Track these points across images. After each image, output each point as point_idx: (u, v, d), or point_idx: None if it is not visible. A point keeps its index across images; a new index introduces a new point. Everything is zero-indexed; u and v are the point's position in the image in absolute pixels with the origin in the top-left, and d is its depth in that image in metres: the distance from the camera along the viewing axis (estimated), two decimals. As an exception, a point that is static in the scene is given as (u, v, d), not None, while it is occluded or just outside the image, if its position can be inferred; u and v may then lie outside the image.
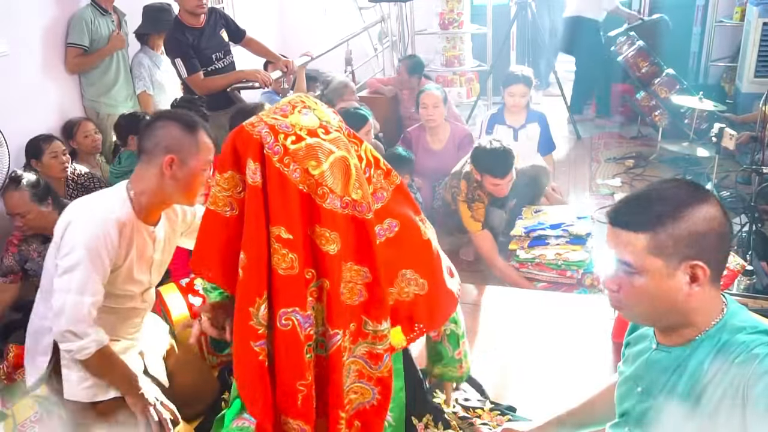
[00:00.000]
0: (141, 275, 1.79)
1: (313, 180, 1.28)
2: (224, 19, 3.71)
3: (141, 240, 1.75)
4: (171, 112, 1.73)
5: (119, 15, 3.86)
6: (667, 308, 1.11)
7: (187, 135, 1.72)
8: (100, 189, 3.23)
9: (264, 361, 1.35)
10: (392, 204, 1.46)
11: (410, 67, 4.69)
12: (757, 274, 2.78)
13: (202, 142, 1.74)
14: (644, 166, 4.52)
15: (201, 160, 1.74)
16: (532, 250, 3.14)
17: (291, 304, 1.32)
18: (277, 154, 1.28)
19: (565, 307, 2.78)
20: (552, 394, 2.09)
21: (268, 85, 3.69)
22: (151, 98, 4.03)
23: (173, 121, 1.72)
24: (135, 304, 1.82)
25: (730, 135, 3.44)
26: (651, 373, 1.22)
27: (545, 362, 2.37)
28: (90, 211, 1.70)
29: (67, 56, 3.67)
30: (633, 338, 1.34)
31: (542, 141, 3.95)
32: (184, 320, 2.26)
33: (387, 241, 1.44)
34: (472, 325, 2.69)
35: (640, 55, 4.84)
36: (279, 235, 1.29)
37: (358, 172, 1.35)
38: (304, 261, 1.31)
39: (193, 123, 1.74)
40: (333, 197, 1.30)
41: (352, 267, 1.38)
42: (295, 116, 1.32)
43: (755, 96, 4.43)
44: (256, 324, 1.33)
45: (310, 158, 1.28)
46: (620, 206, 1.14)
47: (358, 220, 1.34)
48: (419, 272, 1.48)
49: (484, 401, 2.14)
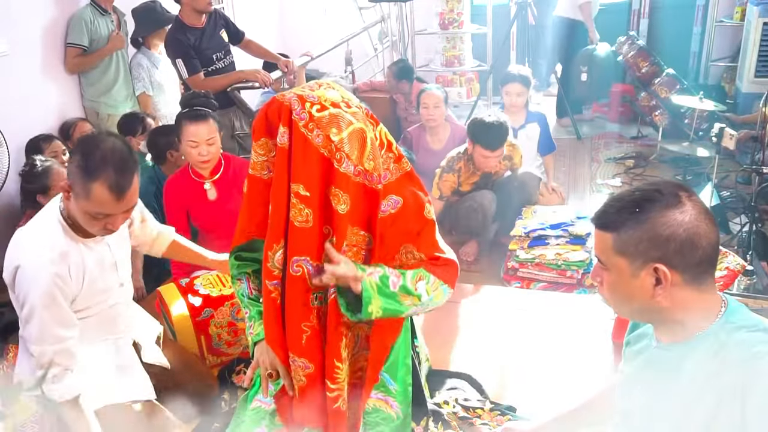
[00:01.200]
0: (108, 280, 1.77)
1: (332, 145, 1.42)
2: (224, 20, 3.72)
3: (92, 255, 1.72)
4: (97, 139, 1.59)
5: (119, 15, 3.86)
6: (639, 306, 1.16)
7: (83, 179, 1.55)
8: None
9: (276, 299, 1.55)
10: (397, 184, 1.58)
11: (396, 73, 4.73)
12: (757, 274, 2.78)
13: (96, 193, 1.55)
14: (644, 166, 4.52)
15: (89, 207, 1.58)
16: (532, 250, 3.15)
17: (303, 253, 1.49)
18: (302, 120, 1.43)
19: (565, 307, 2.78)
20: (552, 394, 2.09)
21: (268, 85, 3.69)
22: (150, 99, 4.04)
23: (79, 156, 1.58)
24: (115, 300, 1.80)
25: (731, 135, 3.44)
26: (651, 371, 1.22)
27: (545, 362, 2.37)
28: (34, 254, 1.62)
29: (66, 56, 3.67)
30: (633, 337, 1.35)
31: (542, 141, 3.95)
32: (184, 320, 2.26)
33: (390, 217, 1.56)
34: (472, 325, 2.69)
35: (640, 55, 4.84)
36: (298, 191, 1.45)
37: (372, 146, 1.49)
38: (320, 217, 1.47)
39: (94, 171, 1.54)
40: (348, 163, 1.44)
41: (358, 232, 1.53)
42: (322, 91, 1.49)
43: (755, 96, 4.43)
44: (272, 266, 1.53)
45: (331, 125, 1.43)
46: (601, 206, 1.20)
47: (368, 188, 1.49)
48: (417, 246, 1.60)
49: (484, 401, 2.14)
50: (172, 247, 2.14)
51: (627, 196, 1.16)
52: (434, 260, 1.61)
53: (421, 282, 1.57)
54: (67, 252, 1.65)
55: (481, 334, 2.61)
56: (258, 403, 1.70)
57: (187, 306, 2.28)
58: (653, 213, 1.11)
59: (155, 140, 3.14)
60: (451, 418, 2.02)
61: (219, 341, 2.32)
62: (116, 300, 1.81)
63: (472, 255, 3.47)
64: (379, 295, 1.50)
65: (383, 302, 1.51)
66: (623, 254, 1.13)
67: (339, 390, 1.57)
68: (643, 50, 4.85)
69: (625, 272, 1.14)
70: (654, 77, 4.80)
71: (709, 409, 1.08)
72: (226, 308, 2.29)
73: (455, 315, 2.76)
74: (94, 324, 1.77)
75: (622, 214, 1.13)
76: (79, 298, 1.69)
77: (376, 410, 1.65)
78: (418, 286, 1.56)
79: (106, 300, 1.77)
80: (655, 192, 1.13)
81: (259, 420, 1.66)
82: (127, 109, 3.83)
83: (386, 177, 1.56)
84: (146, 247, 2.10)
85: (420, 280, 1.57)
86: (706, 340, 1.13)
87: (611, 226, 1.14)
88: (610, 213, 1.15)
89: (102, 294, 1.75)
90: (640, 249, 1.11)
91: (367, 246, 1.55)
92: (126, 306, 1.88)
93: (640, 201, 1.13)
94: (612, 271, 1.16)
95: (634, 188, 1.18)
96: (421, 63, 5.73)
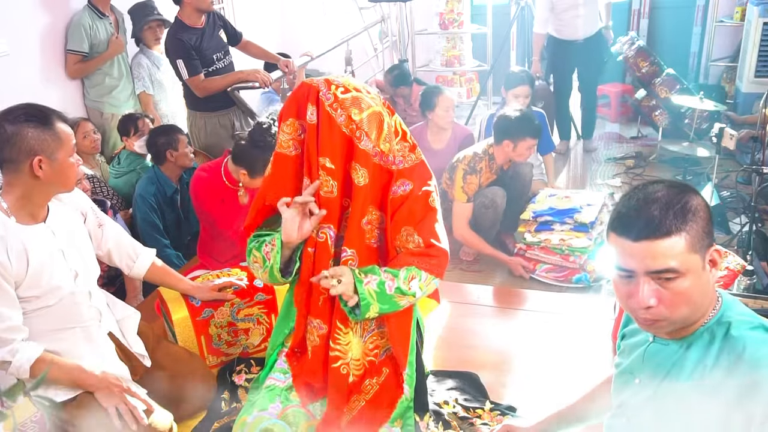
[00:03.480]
0: (55, 267, 1.77)
1: (354, 125, 1.59)
2: (222, 20, 3.72)
3: (35, 240, 1.73)
4: (13, 113, 1.69)
5: (117, 15, 3.86)
6: (702, 302, 1.12)
7: (45, 131, 1.69)
8: (100, 190, 3.26)
9: (311, 259, 1.69)
10: (410, 171, 1.72)
11: (393, 81, 4.76)
12: (757, 274, 2.78)
13: (61, 131, 1.72)
14: (644, 166, 4.52)
15: (66, 149, 1.73)
16: (538, 234, 3.29)
17: (327, 221, 1.65)
18: (328, 100, 1.59)
19: (565, 307, 2.78)
20: (552, 394, 2.09)
21: (268, 85, 3.69)
22: (150, 98, 4.04)
23: (25, 123, 1.67)
24: (71, 289, 1.79)
25: (731, 135, 3.44)
26: (648, 365, 1.22)
27: (545, 362, 2.37)
28: None
29: (67, 63, 3.67)
30: (629, 330, 1.34)
31: (542, 140, 3.95)
32: (184, 320, 2.26)
33: (399, 198, 1.69)
34: (472, 325, 2.69)
35: (640, 55, 4.84)
36: (324, 164, 1.61)
37: (389, 129, 1.66)
38: (342, 189, 1.63)
39: (45, 117, 1.71)
40: (367, 141, 1.60)
41: (373, 211, 1.68)
42: (346, 78, 1.67)
43: (755, 96, 4.43)
44: (315, 234, 1.67)
45: (353, 106, 1.59)
46: (633, 219, 1.10)
47: (383, 168, 1.65)
48: (417, 231, 1.72)
49: (484, 401, 2.14)
50: (152, 270, 2.15)
51: (654, 196, 1.10)
52: (428, 248, 1.71)
53: (414, 281, 1.68)
54: (4, 237, 1.67)
55: (482, 334, 2.61)
56: (272, 381, 1.78)
57: (187, 306, 2.27)
58: (693, 200, 1.09)
59: (154, 140, 3.14)
60: (451, 418, 2.02)
61: (219, 341, 2.32)
62: (73, 289, 1.80)
63: (472, 255, 3.47)
64: (378, 301, 1.63)
65: (380, 306, 1.64)
66: (696, 250, 1.08)
67: (340, 353, 1.70)
68: (643, 50, 4.85)
69: (699, 269, 1.09)
70: (654, 77, 4.80)
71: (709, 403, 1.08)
72: (226, 308, 2.29)
73: (455, 315, 2.76)
74: (56, 313, 1.78)
75: (678, 214, 1.08)
76: (24, 283, 1.69)
77: None
78: (412, 285, 1.67)
79: (60, 287, 1.76)
80: (671, 184, 1.12)
81: (273, 397, 1.73)
82: (129, 108, 3.84)
83: (401, 163, 1.70)
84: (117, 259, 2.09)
85: (413, 279, 1.68)
86: (707, 335, 1.13)
87: (675, 229, 1.07)
88: (664, 217, 1.08)
89: (51, 280, 1.75)
90: (704, 239, 1.09)
91: (380, 225, 1.71)
92: (88, 295, 1.87)
93: (675, 195, 1.10)
94: (688, 275, 1.08)
95: (641, 195, 1.12)
96: (421, 63, 5.73)
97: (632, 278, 1.11)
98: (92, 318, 1.89)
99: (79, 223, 1.92)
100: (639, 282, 1.10)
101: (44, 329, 1.76)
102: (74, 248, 1.85)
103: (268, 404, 1.71)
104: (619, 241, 1.11)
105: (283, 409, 1.70)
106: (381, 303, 1.63)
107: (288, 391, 1.75)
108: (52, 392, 1.75)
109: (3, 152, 1.67)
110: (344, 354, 1.71)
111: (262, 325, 2.36)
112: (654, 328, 1.14)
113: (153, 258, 2.15)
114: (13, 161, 1.68)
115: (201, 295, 2.26)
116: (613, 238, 1.13)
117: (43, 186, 1.73)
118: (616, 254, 1.13)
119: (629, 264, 1.10)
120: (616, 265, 1.13)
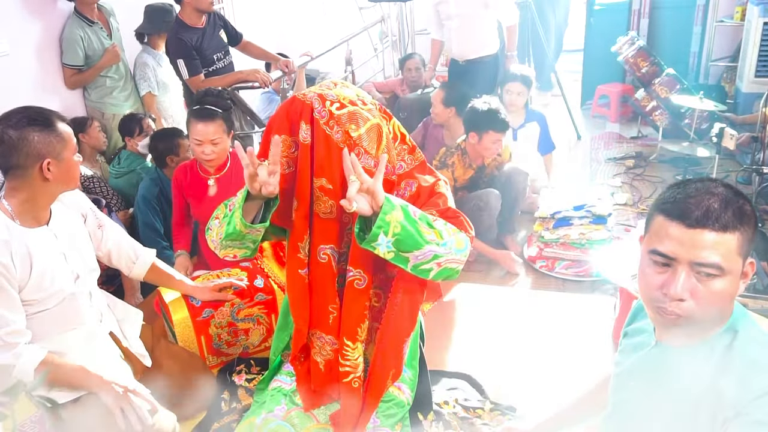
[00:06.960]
0: (57, 270, 1.77)
1: (351, 141, 1.51)
2: (222, 20, 3.72)
3: (38, 243, 1.73)
4: (14, 118, 1.67)
5: (105, 15, 3.80)
6: (727, 310, 1.07)
7: (50, 134, 1.69)
8: (100, 191, 3.26)
9: (307, 284, 1.66)
10: (410, 172, 1.67)
11: (400, 63, 4.72)
12: (757, 274, 2.78)
13: (64, 132, 1.73)
14: (644, 166, 4.52)
15: (70, 148, 1.74)
16: (556, 231, 3.30)
17: (328, 241, 1.61)
18: (323, 118, 1.51)
19: (566, 307, 2.78)
20: (552, 394, 2.09)
21: (268, 85, 3.69)
22: (155, 99, 4.01)
23: (29, 128, 1.67)
24: (71, 290, 1.79)
25: (731, 135, 3.44)
26: (648, 368, 1.20)
27: (545, 362, 2.37)
28: None
29: (64, 75, 3.67)
30: (631, 330, 1.32)
31: (542, 141, 3.95)
32: (184, 320, 2.26)
33: (408, 198, 1.62)
34: (472, 325, 2.69)
35: (640, 55, 4.84)
36: (322, 185, 1.54)
37: (388, 139, 1.59)
38: (340, 208, 1.53)
39: (47, 119, 1.71)
40: (367, 157, 1.53)
41: None
42: (339, 89, 1.57)
43: (756, 96, 4.42)
44: (302, 255, 1.64)
45: (350, 122, 1.51)
46: (691, 206, 1.03)
47: (384, 180, 1.52)
48: (434, 207, 1.63)
49: (484, 401, 2.14)
50: (152, 270, 2.15)
51: (714, 190, 1.05)
52: (446, 210, 1.62)
53: (439, 221, 1.54)
54: (8, 241, 1.67)
55: (481, 334, 2.61)
56: (278, 383, 1.78)
57: (187, 306, 2.28)
58: (747, 206, 1.04)
59: (155, 145, 3.14)
60: (452, 418, 2.02)
61: (219, 341, 2.32)
62: (73, 290, 1.80)
63: (473, 255, 3.47)
64: (402, 211, 1.45)
65: (404, 217, 1.45)
66: (741, 255, 1.03)
67: (350, 368, 1.67)
68: (643, 50, 4.85)
69: (738, 274, 1.04)
70: (654, 77, 4.79)
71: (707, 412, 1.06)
72: (226, 308, 2.30)
73: (455, 315, 2.76)
74: (57, 314, 1.78)
75: (737, 213, 1.03)
76: (28, 286, 1.70)
77: (390, 396, 1.73)
78: (436, 223, 1.52)
79: (61, 290, 1.77)
80: (727, 184, 1.07)
81: (279, 399, 1.73)
82: (129, 108, 3.83)
83: (401, 168, 1.65)
84: (117, 260, 2.08)
85: (437, 219, 1.54)
86: (715, 345, 1.09)
87: (732, 226, 1.02)
88: (723, 212, 1.02)
89: (53, 284, 1.75)
90: (748, 246, 1.03)
91: None
92: (88, 296, 1.87)
93: (734, 195, 1.05)
94: (728, 276, 1.03)
95: (702, 182, 1.08)
96: (421, 63, 5.72)
97: (670, 266, 1.05)
98: (93, 319, 1.89)
99: (79, 225, 1.92)
100: (677, 271, 1.04)
101: (46, 331, 1.76)
102: (75, 250, 1.85)
103: (274, 406, 1.72)
104: (671, 225, 1.04)
105: (288, 411, 1.71)
106: (405, 216, 1.44)
107: (294, 393, 1.75)
108: (54, 393, 1.75)
109: (10, 159, 1.67)
110: (354, 368, 1.67)
111: (262, 325, 2.36)
112: (675, 324, 1.07)
113: (153, 259, 2.15)
114: (20, 167, 1.68)
115: (201, 295, 2.26)
116: (661, 222, 1.06)
117: (50, 187, 1.73)
118: (659, 239, 1.06)
119: (674, 251, 1.04)
120: (656, 250, 1.06)
